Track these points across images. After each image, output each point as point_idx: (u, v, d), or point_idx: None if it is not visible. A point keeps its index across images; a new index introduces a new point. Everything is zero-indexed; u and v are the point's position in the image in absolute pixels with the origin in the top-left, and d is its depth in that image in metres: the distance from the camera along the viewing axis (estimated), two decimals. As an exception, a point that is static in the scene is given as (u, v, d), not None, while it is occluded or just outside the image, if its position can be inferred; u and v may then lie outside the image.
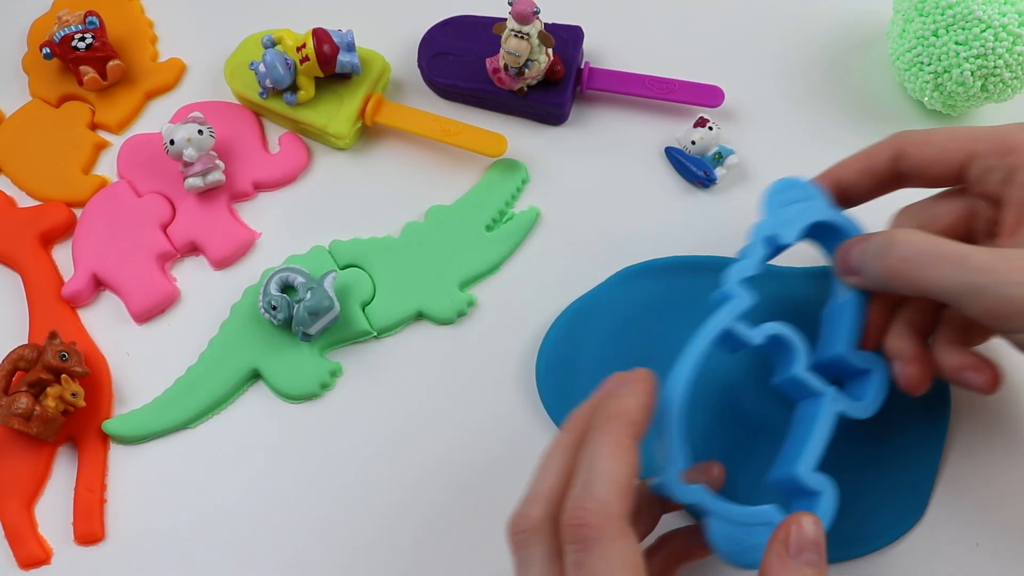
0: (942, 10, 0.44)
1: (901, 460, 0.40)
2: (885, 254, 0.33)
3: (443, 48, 0.49)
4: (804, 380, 0.36)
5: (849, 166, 0.38)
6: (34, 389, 0.41)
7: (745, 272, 0.36)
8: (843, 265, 0.36)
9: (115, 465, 0.42)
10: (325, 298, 0.41)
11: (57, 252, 0.47)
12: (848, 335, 0.37)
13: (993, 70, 0.44)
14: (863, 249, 0.35)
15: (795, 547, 0.29)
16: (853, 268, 0.35)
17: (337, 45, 0.46)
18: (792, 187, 0.38)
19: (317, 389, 0.43)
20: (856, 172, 0.37)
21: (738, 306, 0.35)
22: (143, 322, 0.45)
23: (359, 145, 0.49)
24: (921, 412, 0.40)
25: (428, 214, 0.46)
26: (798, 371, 0.36)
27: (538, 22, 0.45)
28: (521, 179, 0.47)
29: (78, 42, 0.48)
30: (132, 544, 0.41)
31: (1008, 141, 0.34)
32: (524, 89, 0.47)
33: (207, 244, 0.46)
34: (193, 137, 0.45)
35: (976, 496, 0.40)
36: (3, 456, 0.42)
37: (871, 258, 0.34)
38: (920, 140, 0.36)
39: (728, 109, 0.49)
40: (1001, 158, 0.34)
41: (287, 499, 0.41)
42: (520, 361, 0.43)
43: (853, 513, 0.39)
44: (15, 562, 0.40)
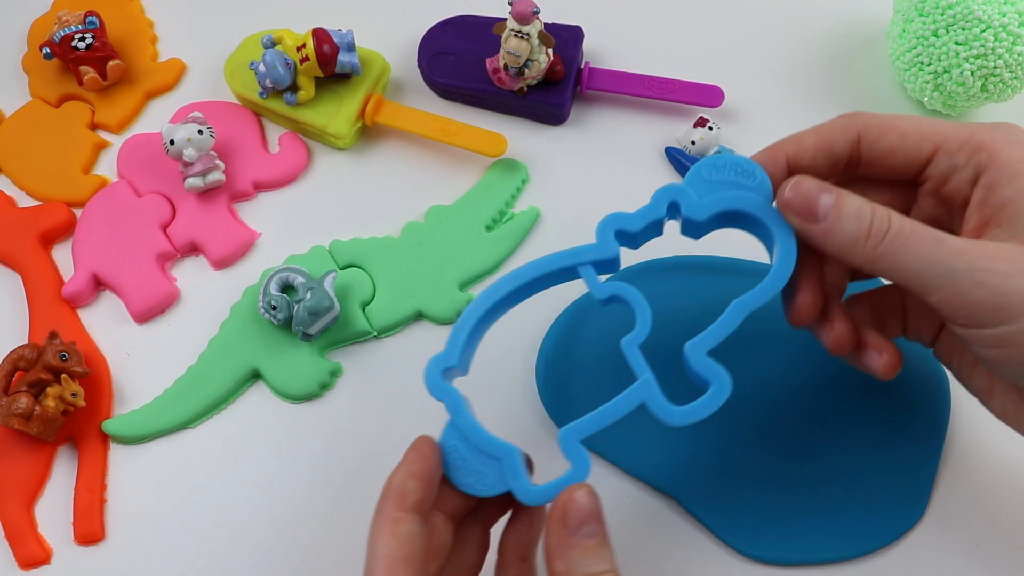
0: (942, 10, 0.44)
1: (901, 460, 0.40)
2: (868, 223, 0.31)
3: (443, 48, 0.49)
4: (625, 355, 0.33)
5: (805, 143, 0.34)
6: (34, 389, 0.41)
7: (622, 224, 0.33)
8: (805, 208, 0.31)
9: (115, 465, 0.42)
10: (325, 298, 0.41)
11: (57, 252, 0.47)
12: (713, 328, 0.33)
13: (993, 70, 0.44)
14: (840, 206, 0.31)
15: (574, 523, 0.30)
16: (818, 215, 0.31)
17: (337, 45, 0.46)
18: (730, 168, 0.33)
19: (317, 389, 0.43)
20: (812, 151, 0.34)
21: (594, 251, 0.33)
22: (143, 322, 0.45)
23: (359, 145, 0.49)
24: (921, 412, 0.40)
25: (428, 214, 0.46)
26: (625, 343, 0.33)
27: (538, 22, 0.45)
28: (521, 179, 0.47)
29: (78, 42, 0.48)
30: (132, 544, 0.41)
31: (976, 139, 0.32)
32: (524, 89, 0.47)
33: (207, 244, 0.46)
34: (193, 137, 0.45)
35: (976, 496, 0.40)
36: (3, 456, 0.42)
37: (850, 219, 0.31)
38: (882, 125, 0.33)
39: (728, 109, 0.49)
40: (968, 156, 0.32)
41: (287, 499, 0.41)
42: (520, 361, 0.43)
43: (853, 512, 0.39)
44: (15, 562, 0.40)
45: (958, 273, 0.29)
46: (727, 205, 0.33)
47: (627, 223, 0.34)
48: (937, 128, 0.33)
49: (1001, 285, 0.28)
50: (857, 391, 0.40)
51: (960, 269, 0.29)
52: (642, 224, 0.34)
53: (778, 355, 0.41)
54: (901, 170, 0.33)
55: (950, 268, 0.29)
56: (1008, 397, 0.34)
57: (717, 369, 0.32)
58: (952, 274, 0.29)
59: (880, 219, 0.30)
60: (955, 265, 0.29)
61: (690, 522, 0.40)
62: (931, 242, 0.29)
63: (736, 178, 0.33)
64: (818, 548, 0.39)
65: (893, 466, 0.40)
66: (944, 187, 0.33)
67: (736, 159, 0.33)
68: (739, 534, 0.39)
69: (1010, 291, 0.28)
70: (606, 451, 0.40)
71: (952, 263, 0.29)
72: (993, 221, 0.31)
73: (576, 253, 0.34)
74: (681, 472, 0.40)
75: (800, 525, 0.39)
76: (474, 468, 0.32)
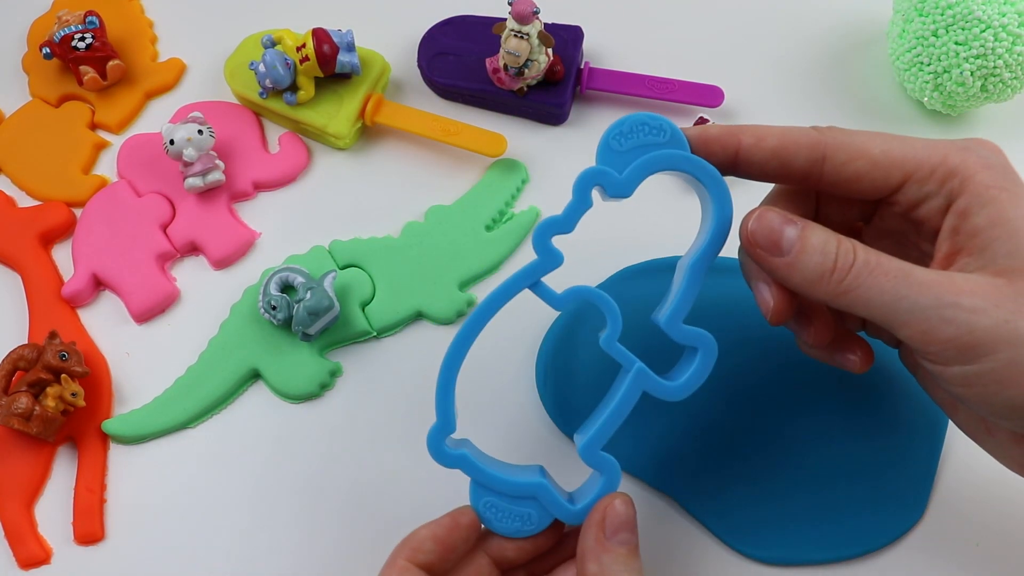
0: (942, 10, 0.44)
1: (901, 460, 0.40)
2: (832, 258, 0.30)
3: (443, 48, 0.49)
4: (608, 351, 0.33)
5: (764, 143, 0.32)
6: (34, 389, 0.41)
7: (557, 228, 0.33)
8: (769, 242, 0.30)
9: (115, 465, 0.42)
10: (325, 298, 0.41)
11: (57, 252, 0.47)
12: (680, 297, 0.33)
13: (993, 70, 0.44)
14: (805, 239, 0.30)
15: (611, 528, 0.31)
16: (782, 248, 0.30)
17: (337, 45, 0.46)
18: (636, 131, 0.32)
19: (317, 389, 0.43)
20: (769, 154, 0.32)
21: (542, 267, 0.33)
22: (143, 322, 0.45)
23: (359, 145, 0.49)
24: (921, 412, 0.40)
25: (428, 214, 0.46)
26: (604, 342, 0.33)
27: (538, 22, 0.45)
28: (521, 179, 0.47)
29: (78, 42, 0.48)
30: (132, 544, 0.41)
31: (948, 163, 0.30)
32: (524, 89, 0.47)
33: (207, 244, 0.46)
34: (193, 137, 0.45)
35: (976, 496, 0.40)
36: (3, 456, 0.42)
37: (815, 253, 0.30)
38: (851, 148, 0.31)
39: (728, 109, 0.49)
40: (940, 183, 0.30)
41: (287, 499, 0.41)
42: (520, 361, 0.43)
43: (853, 513, 0.39)
44: (15, 562, 0.40)
45: (925, 309, 0.27)
46: (649, 170, 0.32)
47: (560, 226, 0.33)
48: (908, 153, 0.30)
49: (968, 321, 0.27)
50: (857, 392, 0.40)
51: (927, 305, 0.27)
52: (574, 221, 0.33)
53: (778, 358, 0.41)
54: (866, 194, 0.32)
55: (916, 304, 0.28)
56: (970, 414, 0.33)
57: (699, 333, 0.33)
58: (918, 309, 0.27)
59: (845, 253, 0.29)
60: (921, 300, 0.27)
61: (690, 522, 0.40)
62: (897, 275, 0.28)
63: (647, 139, 0.32)
64: (818, 548, 0.39)
65: (892, 466, 0.40)
66: (914, 212, 0.31)
67: (640, 117, 0.32)
68: (739, 534, 0.39)
69: (979, 328, 0.27)
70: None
71: (918, 298, 0.27)
72: (964, 250, 0.29)
73: (525, 275, 0.33)
74: (681, 472, 0.40)
75: (800, 525, 0.39)
76: (516, 512, 0.33)
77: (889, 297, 0.28)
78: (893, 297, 0.28)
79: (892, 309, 0.28)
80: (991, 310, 0.27)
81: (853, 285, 0.29)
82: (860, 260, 0.29)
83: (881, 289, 0.28)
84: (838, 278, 0.29)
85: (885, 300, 0.28)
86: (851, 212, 0.34)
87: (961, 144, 0.30)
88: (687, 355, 0.34)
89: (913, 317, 0.28)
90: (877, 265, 0.29)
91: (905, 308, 0.28)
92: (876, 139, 0.31)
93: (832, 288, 0.29)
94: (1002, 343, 0.27)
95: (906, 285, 0.28)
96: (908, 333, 0.28)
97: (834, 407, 0.40)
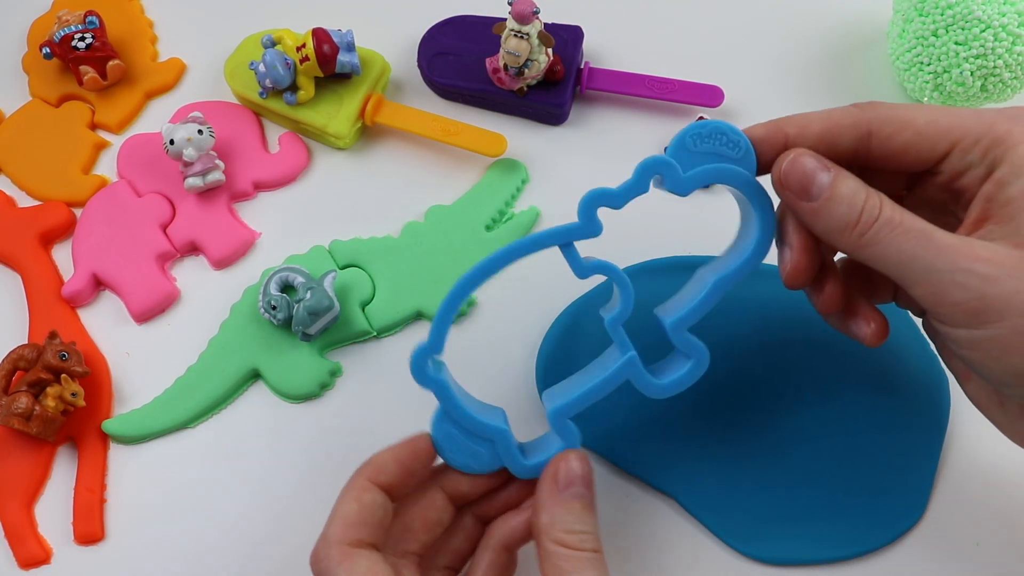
0: (942, 10, 0.44)
1: (901, 460, 0.40)
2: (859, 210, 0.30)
3: (443, 48, 0.49)
4: (610, 330, 0.34)
5: (810, 129, 0.32)
6: (34, 389, 0.41)
7: (606, 201, 0.33)
8: (800, 185, 0.31)
9: (115, 465, 0.42)
10: (325, 298, 0.41)
11: (57, 252, 0.47)
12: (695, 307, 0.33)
13: (993, 70, 0.44)
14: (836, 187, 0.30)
15: (564, 482, 0.32)
16: (811, 194, 0.31)
17: (337, 45, 0.46)
18: (715, 136, 0.33)
19: (317, 389, 0.43)
20: (815, 139, 0.32)
21: (579, 231, 0.33)
22: (143, 322, 0.45)
23: (359, 145, 0.49)
24: (921, 412, 0.40)
25: (428, 214, 0.46)
26: (609, 322, 0.34)
27: (538, 22, 0.45)
28: (521, 179, 0.47)
29: (78, 42, 0.48)
30: (132, 544, 0.41)
31: (994, 132, 0.30)
32: (524, 89, 0.47)
33: (207, 244, 0.46)
34: (193, 137, 0.45)
35: (976, 496, 0.40)
36: (3, 456, 0.42)
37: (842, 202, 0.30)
38: (896, 121, 0.31)
39: (728, 109, 0.49)
40: (984, 152, 0.30)
41: (287, 499, 0.41)
42: (520, 361, 0.43)
43: (853, 513, 0.39)
44: (15, 562, 0.40)
45: (939, 271, 0.28)
46: (712, 179, 0.33)
47: (612, 200, 0.33)
48: (955, 122, 0.31)
49: (979, 288, 0.27)
50: (857, 392, 0.40)
51: (941, 267, 0.28)
52: (626, 200, 0.33)
53: (778, 356, 0.41)
54: (913, 166, 0.32)
55: (931, 265, 0.28)
56: (981, 383, 0.33)
57: (697, 345, 0.34)
58: (933, 271, 0.28)
59: (871, 207, 0.30)
60: (936, 263, 0.28)
61: (690, 522, 0.40)
62: (918, 236, 0.29)
63: (720, 148, 0.33)
64: (818, 548, 0.39)
65: (893, 466, 0.40)
66: (956, 182, 0.32)
67: (721, 127, 0.32)
68: (738, 534, 0.39)
69: (988, 295, 0.27)
70: (606, 451, 0.41)
71: (934, 261, 0.28)
72: (993, 217, 0.30)
73: (560, 233, 0.33)
74: (681, 472, 0.40)
75: (800, 525, 0.39)
76: (470, 449, 0.34)
77: (906, 256, 0.28)
78: (910, 256, 0.28)
79: (908, 268, 0.29)
80: (1004, 279, 0.27)
81: (873, 240, 0.29)
82: (884, 216, 0.29)
83: (899, 248, 0.29)
84: (860, 231, 0.30)
85: (902, 259, 0.29)
86: (895, 183, 0.34)
87: (1010, 113, 0.31)
88: (677, 357, 0.35)
89: (926, 278, 0.28)
90: (900, 223, 0.29)
91: (920, 268, 0.28)
92: (921, 110, 0.31)
93: (853, 240, 0.30)
94: (1011, 311, 0.27)
95: (924, 246, 0.28)
96: (920, 292, 0.29)
97: (834, 406, 0.40)
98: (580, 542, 0.31)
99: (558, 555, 0.31)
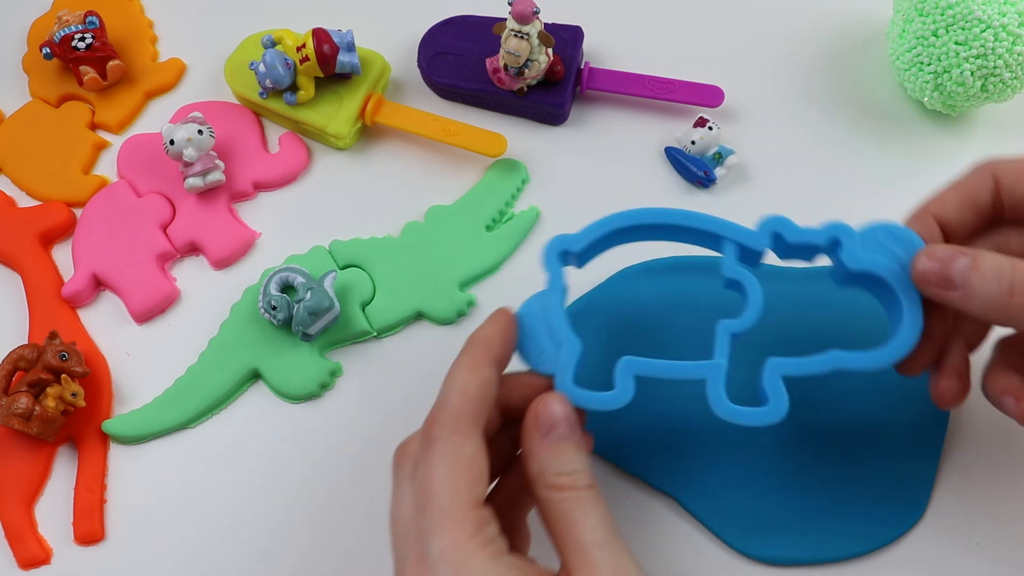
0: (942, 10, 0.44)
1: (901, 460, 0.40)
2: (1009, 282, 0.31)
3: (443, 48, 0.49)
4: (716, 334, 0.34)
5: (947, 200, 0.34)
6: (34, 389, 0.41)
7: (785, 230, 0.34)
8: (940, 276, 0.32)
9: (115, 465, 0.42)
10: (325, 298, 0.41)
11: (57, 252, 0.47)
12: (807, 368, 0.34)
13: (993, 70, 0.44)
14: (978, 268, 0.31)
15: (545, 426, 0.31)
16: (954, 282, 0.31)
17: (337, 45, 0.46)
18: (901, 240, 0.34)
19: (317, 389, 0.43)
20: (956, 207, 0.34)
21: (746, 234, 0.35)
22: (143, 322, 0.45)
23: (359, 145, 0.49)
24: (921, 412, 0.40)
25: (428, 214, 0.46)
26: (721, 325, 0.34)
27: (538, 22, 0.45)
28: (521, 179, 0.47)
29: (78, 42, 0.48)
30: (132, 544, 0.41)
31: None
32: (524, 89, 0.47)
33: (207, 244, 0.46)
34: (193, 137, 0.45)
35: (976, 496, 0.40)
36: (3, 456, 0.42)
37: (989, 280, 0.30)
38: (1015, 170, 0.33)
39: (728, 109, 0.49)
40: None
41: (287, 499, 0.41)
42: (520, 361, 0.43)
43: (853, 513, 0.39)
44: (15, 562, 0.40)
45: None
46: (880, 271, 0.33)
47: (791, 233, 0.34)
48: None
49: None
50: (857, 391, 0.40)
51: None
52: (800, 240, 0.34)
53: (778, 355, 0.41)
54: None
55: None
56: None
57: (781, 396, 0.33)
58: None
59: (1022, 275, 0.30)
60: None
61: (690, 522, 0.40)
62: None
63: (893, 245, 0.34)
64: (818, 547, 0.39)
65: (893, 466, 0.40)
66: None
67: (910, 235, 0.34)
68: (739, 534, 0.39)
69: None
70: (606, 451, 0.41)
71: None
72: None
73: (729, 227, 0.34)
74: (681, 472, 0.40)
75: (800, 525, 0.39)
76: (541, 342, 0.34)
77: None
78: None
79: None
80: None
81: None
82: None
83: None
84: (1019, 301, 0.30)
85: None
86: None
87: None
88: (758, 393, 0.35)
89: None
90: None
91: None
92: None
93: (1014, 312, 0.30)
94: None
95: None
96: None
97: (834, 407, 0.40)
98: (572, 481, 0.30)
99: (553, 500, 0.30)
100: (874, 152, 0.48)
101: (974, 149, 0.48)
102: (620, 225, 0.35)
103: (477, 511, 0.29)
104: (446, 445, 0.30)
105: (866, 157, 0.48)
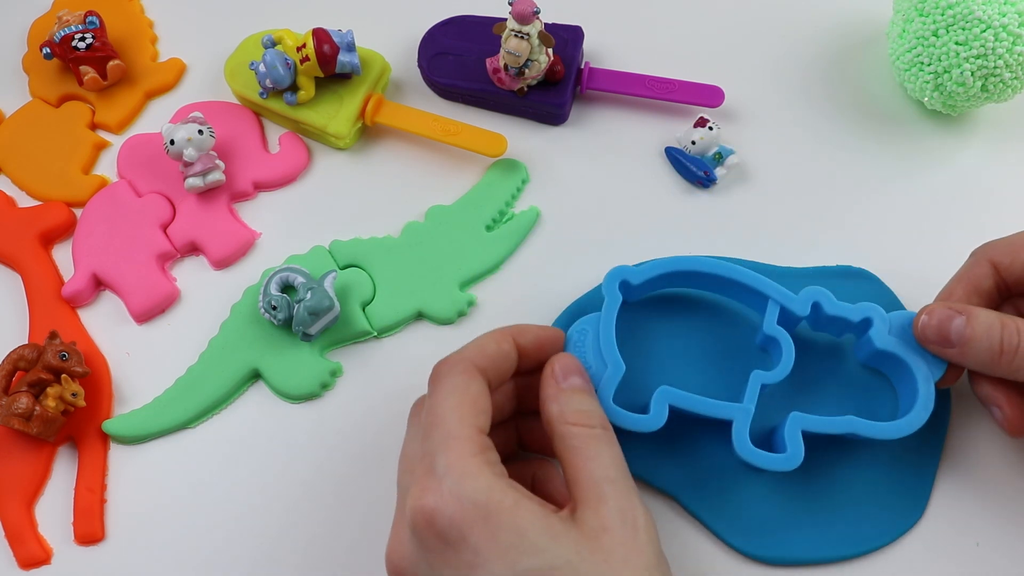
0: (942, 10, 0.44)
1: (901, 460, 0.40)
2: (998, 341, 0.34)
3: (443, 48, 0.49)
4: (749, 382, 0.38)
5: (955, 294, 0.37)
6: (34, 389, 0.41)
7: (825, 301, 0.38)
8: (939, 335, 0.35)
9: (115, 465, 0.42)
10: (325, 298, 0.41)
11: (57, 252, 0.47)
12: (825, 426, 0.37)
13: (993, 70, 0.44)
14: (971, 328, 0.34)
15: (562, 373, 0.35)
16: (951, 340, 0.35)
17: (337, 45, 0.46)
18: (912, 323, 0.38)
19: (317, 389, 0.43)
20: (964, 299, 0.37)
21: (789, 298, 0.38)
22: (143, 322, 0.45)
23: (359, 145, 0.49)
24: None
25: (428, 214, 0.46)
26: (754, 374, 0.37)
27: (538, 22, 0.45)
28: (521, 179, 0.47)
29: (78, 42, 0.48)
30: (132, 544, 0.41)
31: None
32: (524, 89, 0.47)
33: (207, 244, 0.46)
34: (193, 137, 0.45)
35: (976, 496, 0.40)
36: (3, 456, 0.42)
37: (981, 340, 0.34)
38: (1008, 250, 0.36)
39: (728, 109, 0.49)
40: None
41: (287, 499, 0.41)
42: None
43: (853, 513, 0.39)
44: (15, 562, 0.40)
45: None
46: (898, 351, 0.37)
47: (829, 305, 0.38)
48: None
49: None
50: (857, 391, 0.40)
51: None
52: (835, 313, 0.38)
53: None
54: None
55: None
56: None
57: (799, 447, 0.36)
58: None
59: (1010, 335, 0.33)
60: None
61: (690, 522, 0.40)
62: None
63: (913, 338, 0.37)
64: (818, 548, 0.39)
65: (893, 466, 0.40)
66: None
67: None
68: (739, 534, 0.39)
69: None
70: None
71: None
72: None
73: (778, 291, 0.38)
74: (681, 472, 0.40)
75: (800, 525, 0.39)
76: (585, 359, 0.37)
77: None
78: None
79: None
80: None
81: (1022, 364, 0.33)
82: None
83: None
84: (1007, 359, 0.33)
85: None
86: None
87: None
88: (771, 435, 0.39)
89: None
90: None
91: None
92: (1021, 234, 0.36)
93: (1006, 368, 0.33)
94: None
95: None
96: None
97: (834, 407, 0.40)
98: (588, 419, 0.33)
99: (571, 435, 0.33)
100: (874, 152, 0.48)
101: (974, 149, 0.48)
102: (679, 268, 0.39)
103: (481, 436, 0.31)
104: (455, 380, 0.32)
105: (866, 157, 0.48)
